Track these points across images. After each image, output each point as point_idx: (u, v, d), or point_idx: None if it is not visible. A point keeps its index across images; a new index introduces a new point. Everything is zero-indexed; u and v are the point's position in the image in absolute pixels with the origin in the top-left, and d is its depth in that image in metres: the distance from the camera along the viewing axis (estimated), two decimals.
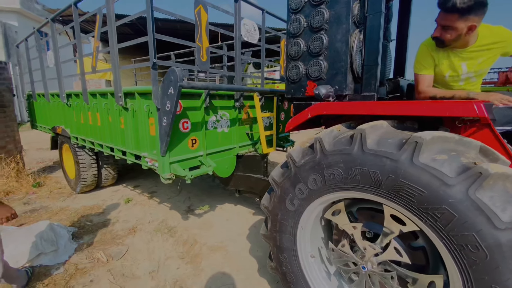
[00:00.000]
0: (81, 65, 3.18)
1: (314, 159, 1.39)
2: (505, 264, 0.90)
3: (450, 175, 0.98)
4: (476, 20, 1.42)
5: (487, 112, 1.09)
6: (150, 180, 4.73)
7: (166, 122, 2.19)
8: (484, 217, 0.91)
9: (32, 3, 16.54)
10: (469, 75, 1.62)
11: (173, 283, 2.20)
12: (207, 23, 2.43)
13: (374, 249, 1.38)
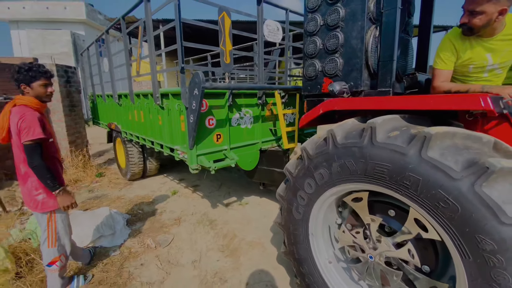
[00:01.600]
0: (128, 70, 3.66)
1: (327, 151, 1.42)
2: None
3: (456, 169, 0.98)
4: (507, 4, 1.32)
5: (493, 105, 1.07)
6: (193, 175, 5.00)
7: (193, 119, 2.45)
8: (490, 212, 0.91)
9: (95, 14, 18.62)
10: (494, 66, 1.52)
11: (213, 274, 2.29)
12: (230, 28, 2.65)
13: (388, 245, 1.38)
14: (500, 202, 0.90)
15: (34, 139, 1.71)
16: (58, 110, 4.73)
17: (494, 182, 0.93)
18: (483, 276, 0.98)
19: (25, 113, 1.72)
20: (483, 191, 0.93)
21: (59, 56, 14.75)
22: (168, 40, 10.71)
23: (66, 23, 17.00)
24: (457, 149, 1.04)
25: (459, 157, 1.01)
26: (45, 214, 1.88)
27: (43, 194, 1.84)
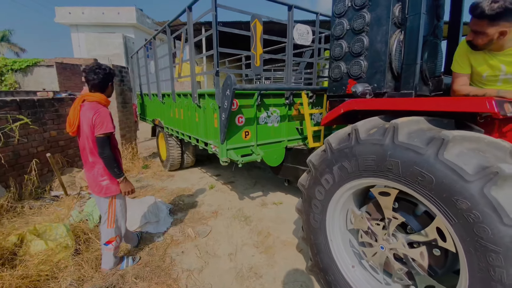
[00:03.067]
0: (171, 72, 4.09)
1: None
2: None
3: (470, 172, 1.04)
4: (507, 26, 1.41)
5: (498, 108, 1.13)
6: (229, 171, 5.16)
7: (224, 117, 2.74)
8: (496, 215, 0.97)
9: (144, 18, 20.03)
10: (508, 76, 1.57)
11: (248, 269, 2.36)
12: (262, 34, 2.90)
13: (403, 243, 1.46)
14: (506, 205, 0.96)
15: (107, 132, 1.94)
16: (112, 106, 5.20)
17: (502, 186, 0.98)
18: (481, 267, 1.05)
19: (99, 109, 1.96)
20: (491, 194, 0.99)
21: (112, 57, 16.17)
22: (209, 42, 11.20)
23: (119, 27, 18.57)
24: (473, 153, 1.09)
25: (473, 161, 1.07)
26: (107, 199, 2.10)
27: (107, 181, 2.07)
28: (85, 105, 2.00)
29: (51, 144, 4.15)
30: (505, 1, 1.35)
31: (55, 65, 10.01)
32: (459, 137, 1.14)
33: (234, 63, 8.71)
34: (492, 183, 1.00)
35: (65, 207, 3.32)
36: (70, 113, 2.02)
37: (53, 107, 4.20)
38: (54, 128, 4.20)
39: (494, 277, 1.01)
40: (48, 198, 3.66)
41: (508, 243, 0.96)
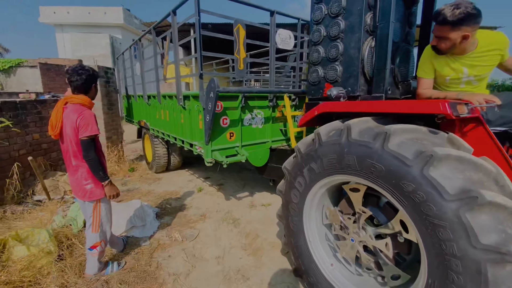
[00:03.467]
0: (156, 73, 4.10)
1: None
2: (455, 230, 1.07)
3: (409, 157, 1.19)
4: (469, 30, 1.47)
5: (450, 110, 1.22)
6: (218, 173, 5.14)
7: (209, 119, 2.81)
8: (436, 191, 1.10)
9: (132, 19, 19.74)
10: (470, 78, 1.66)
11: (236, 271, 2.36)
12: (245, 38, 2.99)
13: (370, 235, 1.61)
14: (477, 229, 1.02)
15: (92, 134, 1.91)
16: (98, 108, 5.10)
17: (438, 166, 1.12)
18: (438, 256, 1.15)
19: (83, 111, 1.93)
20: (430, 174, 1.12)
21: (98, 58, 15.84)
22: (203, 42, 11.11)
23: (105, 27, 18.22)
24: (412, 142, 1.23)
25: (412, 148, 1.21)
26: (92, 203, 2.07)
27: (91, 185, 2.03)
28: (68, 108, 1.96)
29: (33, 147, 4.03)
30: (466, 7, 1.42)
31: (39, 65, 9.73)
32: (400, 129, 1.30)
33: (221, 65, 8.72)
34: (429, 165, 1.13)
35: (48, 212, 3.23)
36: (52, 115, 1.98)
37: (36, 109, 4.08)
38: (36, 131, 4.08)
39: (446, 251, 1.10)
40: (30, 202, 3.55)
41: (451, 217, 1.07)
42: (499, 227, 1.03)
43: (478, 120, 1.33)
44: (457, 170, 1.14)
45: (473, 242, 1.02)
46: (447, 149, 1.16)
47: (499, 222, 1.04)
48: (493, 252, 1.00)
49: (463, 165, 1.15)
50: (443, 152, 1.13)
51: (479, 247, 1.01)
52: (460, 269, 1.07)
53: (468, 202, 1.05)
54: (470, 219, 1.04)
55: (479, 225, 1.03)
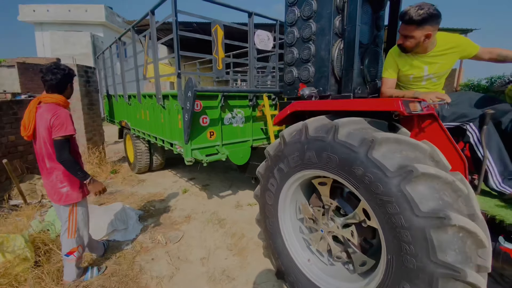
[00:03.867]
0: (136, 73, 4.04)
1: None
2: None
3: (355, 144, 1.30)
4: (431, 29, 1.61)
5: (403, 107, 1.32)
6: (204, 174, 5.09)
7: (187, 118, 2.84)
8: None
9: (114, 17, 19.23)
10: (430, 76, 1.80)
11: (221, 272, 2.34)
12: (223, 38, 3.04)
13: (338, 225, 1.72)
14: (417, 199, 1.13)
15: (67, 134, 1.83)
16: (77, 108, 4.93)
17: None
18: (391, 230, 1.23)
19: (58, 111, 1.85)
20: (374, 157, 1.23)
21: (79, 57, 15.32)
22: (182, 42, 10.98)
23: (87, 25, 17.66)
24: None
25: (358, 136, 1.30)
26: (67, 207, 1.99)
27: (67, 187, 1.95)
28: (41, 107, 1.88)
29: (9, 149, 3.85)
30: (429, 8, 1.56)
31: (16, 65, 9.30)
32: (347, 121, 1.45)
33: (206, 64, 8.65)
34: (371, 148, 1.26)
35: (25, 217, 3.09)
36: (25, 115, 1.89)
37: (12, 110, 3.90)
38: (12, 133, 3.90)
39: (396, 224, 1.20)
40: (6, 207, 3.38)
41: (395, 192, 1.18)
42: (435, 195, 1.14)
43: (433, 117, 1.45)
44: (396, 150, 1.26)
45: (416, 211, 1.12)
46: (386, 133, 1.29)
47: (435, 190, 1.15)
48: (433, 218, 1.09)
49: (400, 146, 1.28)
50: (382, 136, 1.26)
51: (421, 215, 1.11)
52: (410, 238, 1.15)
53: (406, 176, 1.15)
54: (410, 190, 1.14)
55: (418, 195, 1.13)
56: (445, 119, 1.64)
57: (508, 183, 1.51)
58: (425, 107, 1.41)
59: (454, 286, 1.10)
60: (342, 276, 1.78)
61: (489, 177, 1.53)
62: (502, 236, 1.36)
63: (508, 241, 1.34)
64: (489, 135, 1.53)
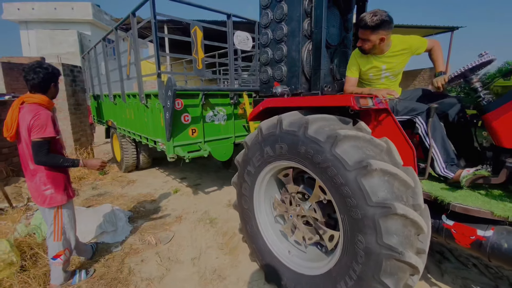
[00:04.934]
0: (120, 73, 4.12)
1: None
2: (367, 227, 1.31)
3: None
4: (384, 34, 1.78)
5: (354, 102, 1.49)
6: (195, 173, 5.05)
7: (168, 116, 2.95)
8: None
9: (102, 14, 18.85)
10: (387, 74, 1.98)
11: (212, 271, 2.33)
12: (202, 39, 3.20)
13: (302, 208, 1.88)
14: (370, 190, 1.28)
15: (46, 136, 1.78)
16: (64, 108, 4.83)
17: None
18: (336, 191, 1.42)
19: (39, 111, 1.79)
20: (336, 151, 1.38)
21: (66, 55, 14.97)
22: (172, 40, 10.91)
23: (73, 23, 17.26)
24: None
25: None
26: (52, 209, 1.94)
27: (51, 190, 1.90)
28: (24, 108, 1.83)
29: None
30: (381, 15, 1.74)
31: (0, 65, 9.00)
32: (316, 118, 1.58)
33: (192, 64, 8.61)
34: (334, 145, 1.39)
35: (10, 221, 3.01)
36: (8, 116, 1.83)
37: None
38: None
39: (344, 194, 1.37)
40: None
41: (352, 184, 1.34)
42: (385, 187, 1.31)
43: (387, 111, 1.62)
44: (356, 146, 1.42)
45: (368, 201, 1.29)
46: (348, 131, 1.44)
47: (385, 183, 1.31)
48: (381, 207, 1.26)
49: (361, 143, 1.44)
50: (345, 133, 1.41)
51: (372, 205, 1.28)
52: (363, 226, 1.32)
53: (361, 170, 1.32)
54: (365, 183, 1.30)
55: (371, 187, 1.29)
56: (398, 113, 1.81)
57: (450, 169, 1.69)
58: (378, 103, 1.58)
59: (396, 265, 1.27)
60: (319, 257, 1.93)
61: (435, 164, 1.72)
62: (444, 215, 1.55)
63: (449, 219, 1.52)
64: (434, 127, 1.70)
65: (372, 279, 1.32)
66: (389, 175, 1.32)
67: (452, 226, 1.50)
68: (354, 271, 1.39)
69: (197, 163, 5.78)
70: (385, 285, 1.29)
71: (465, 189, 1.61)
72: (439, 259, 2.39)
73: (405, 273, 1.30)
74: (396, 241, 1.25)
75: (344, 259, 1.45)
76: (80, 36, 16.25)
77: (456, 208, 1.44)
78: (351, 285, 1.42)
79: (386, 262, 1.26)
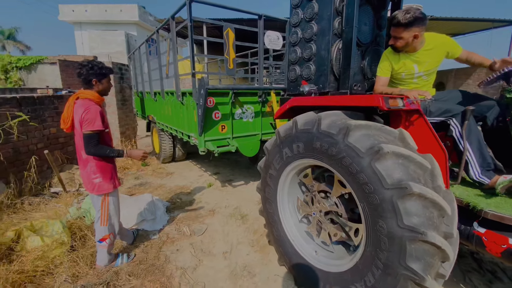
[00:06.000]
0: (160, 72, 4.40)
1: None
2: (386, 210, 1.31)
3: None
4: (418, 31, 1.75)
5: (382, 103, 1.48)
6: (228, 169, 5.15)
7: (201, 113, 3.22)
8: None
9: (146, 16, 20.02)
10: (420, 74, 1.92)
11: (242, 267, 2.35)
12: (234, 40, 3.37)
13: (324, 204, 1.91)
14: (384, 173, 1.30)
15: (94, 130, 1.94)
16: (112, 103, 5.23)
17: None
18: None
19: (90, 106, 1.95)
20: (349, 141, 1.43)
21: (115, 54, 16.20)
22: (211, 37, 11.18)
23: (121, 24, 18.59)
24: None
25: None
26: (100, 196, 2.11)
27: (99, 178, 2.07)
28: (78, 102, 2.00)
29: (50, 141, 4.18)
30: (415, 13, 1.71)
31: (58, 62, 10.06)
32: (327, 114, 1.65)
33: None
34: (346, 135, 1.45)
35: (63, 204, 3.35)
36: (65, 109, 2.02)
37: (53, 105, 4.22)
38: (53, 126, 4.22)
39: (361, 181, 1.40)
40: (47, 194, 3.69)
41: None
42: (399, 169, 1.31)
43: (418, 112, 1.58)
44: (367, 134, 1.45)
45: (384, 184, 1.31)
46: (358, 121, 1.49)
47: (399, 166, 1.32)
48: (397, 189, 1.27)
49: (371, 131, 1.48)
50: (355, 123, 1.46)
51: (387, 187, 1.29)
52: (382, 210, 1.33)
53: (375, 154, 1.34)
54: (379, 167, 1.33)
55: (385, 170, 1.31)
56: (431, 114, 1.77)
57: (486, 174, 1.62)
58: (409, 104, 1.55)
59: (421, 248, 1.24)
60: (345, 255, 1.93)
61: (469, 168, 1.66)
62: (476, 222, 1.49)
63: (481, 226, 1.46)
64: (469, 130, 1.64)
65: (398, 265, 1.29)
66: (402, 158, 1.34)
67: (484, 233, 1.44)
68: (379, 260, 1.37)
69: (230, 159, 5.89)
70: (413, 270, 1.24)
71: (500, 196, 1.54)
72: (490, 279, 2.14)
73: (433, 258, 1.26)
74: (417, 221, 1.24)
75: (369, 249, 1.45)
76: (127, 36, 17.47)
77: (488, 215, 1.38)
78: (379, 275, 1.38)
79: (410, 245, 1.24)
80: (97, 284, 2.04)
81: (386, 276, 1.34)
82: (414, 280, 1.25)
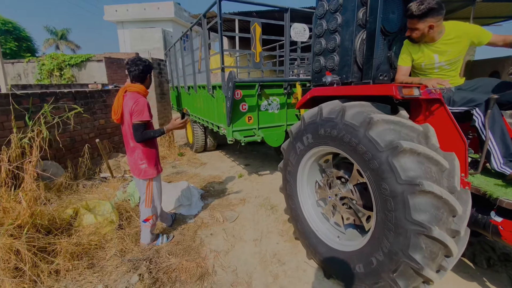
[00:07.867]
0: (193, 67, 4.67)
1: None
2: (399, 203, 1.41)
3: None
4: (433, 21, 1.72)
5: (397, 92, 1.51)
6: (258, 161, 5.26)
7: (229, 105, 3.43)
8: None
9: (182, 12, 20.71)
10: (442, 64, 1.89)
11: (272, 255, 2.44)
12: (261, 35, 3.51)
13: (341, 189, 2.03)
14: (400, 169, 1.37)
15: (143, 120, 2.14)
16: (152, 97, 5.60)
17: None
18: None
19: (139, 99, 2.16)
20: (371, 135, 1.49)
21: (153, 51, 17.06)
22: (242, 31, 11.30)
23: (158, 21, 19.50)
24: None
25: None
26: (145, 181, 2.33)
27: (145, 165, 2.28)
28: (127, 95, 2.21)
29: (100, 131, 4.62)
30: (429, 3, 1.69)
31: (104, 60, 10.91)
32: (351, 105, 1.70)
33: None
34: (369, 128, 1.50)
35: (111, 188, 3.71)
36: (115, 102, 2.24)
37: (102, 98, 4.65)
38: (102, 117, 4.66)
39: (377, 173, 1.47)
40: (98, 179, 4.11)
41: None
42: (415, 167, 1.37)
43: (439, 101, 1.59)
44: (389, 129, 1.50)
45: (398, 179, 1.38)
46: (382, 115, 1.53)
47: (416, 163, 1.38)
48: (410, 185, 1.34)
49: (394, 126, 1.52)
50: (378, 117, 1.50)
51: (401, 182, 1.37)
52: (393, 203, 1.41)
53: (394, 150, 1.40)
54: (395, 162, 1.40)
55: (401, 166, 1.38)
56: (455, 103, 1.76)
57: (508, 164, 1.59)
58: (429, 93, 1.56)
59: (425, 242, 1.33)
60: (356, 236, 2.06)
61: (491, 158, 1.64)
62: (494, 211, 1.51)
63: (498, 215, 1.48)
64: (493, 119, 1.61)
65: (402, 254, 1.40)
66: (419, 156, 1.38)
67: (500, 223, 1.47)
68: (385, 246, 1.49)
69: (259, 151, 5.99)
70: (413, 259, 1.35)
71: None
72: None
73: (436, 252, 1.34)
74: (424, 217, 1.31)
75: (376, 234, 1.56)
76: (164, 32, 18.29)
77: (504, 203, 1.41)
78: (382, 259, 1.52)
79: (415, 238, 1.33)
80: (141, 260, 2.27)
81: (389, 260, 1.50)
82: (414, 268, 1.38)
